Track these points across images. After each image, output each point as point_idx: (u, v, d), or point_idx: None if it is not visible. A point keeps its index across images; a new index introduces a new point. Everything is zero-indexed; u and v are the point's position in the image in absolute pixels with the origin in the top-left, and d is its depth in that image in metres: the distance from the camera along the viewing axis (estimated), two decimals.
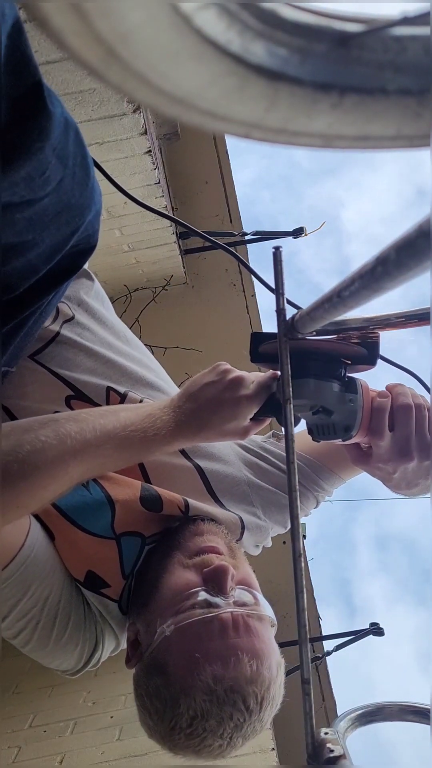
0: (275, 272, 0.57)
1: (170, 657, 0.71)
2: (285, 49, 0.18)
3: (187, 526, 0.84)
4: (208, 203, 3.50)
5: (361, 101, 0.19)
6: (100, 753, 2.18)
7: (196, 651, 0.69)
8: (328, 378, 0.67)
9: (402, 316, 0.54)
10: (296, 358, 0.64)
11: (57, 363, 0.89)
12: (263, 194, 72.11)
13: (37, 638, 0.76)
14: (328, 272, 67.75)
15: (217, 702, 0.67)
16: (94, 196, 0.79)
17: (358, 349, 0.65)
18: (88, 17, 0.16)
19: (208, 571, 0.76)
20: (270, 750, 2.09)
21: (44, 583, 0.76)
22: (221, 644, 0.69)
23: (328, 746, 0.46)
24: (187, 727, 0.69)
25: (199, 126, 0.20)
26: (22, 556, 0.73)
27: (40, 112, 0.64)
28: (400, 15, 0.18)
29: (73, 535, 0.80)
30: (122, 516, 0.82)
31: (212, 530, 0.84)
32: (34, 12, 0.16)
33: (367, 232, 62.93)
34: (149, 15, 0.16)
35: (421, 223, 0.24)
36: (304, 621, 0.50)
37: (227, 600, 0.73)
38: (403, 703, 0.57)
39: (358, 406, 0.68)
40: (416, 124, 0.20)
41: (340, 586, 77.09)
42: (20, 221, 0.70)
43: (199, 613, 0.71)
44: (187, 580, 0.76)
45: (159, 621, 0.74)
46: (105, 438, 0.69)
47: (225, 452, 0.95)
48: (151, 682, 0.72)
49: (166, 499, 0.84)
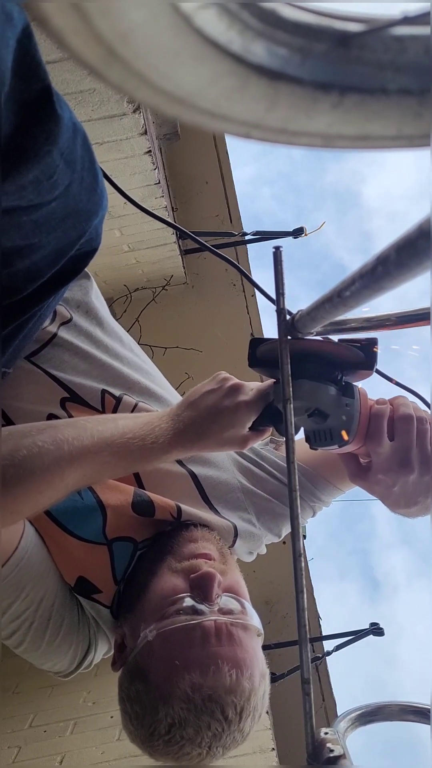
0: (275, 272, 0.57)
1: (151, 662, 0.71)
2: (285, 48, 0.18)
3: (180, 531, 0.83)
4: (208, 203, 3.50)
5: (361, 101, 0.19)
6: (100, 753, 2.18)
7: (177, 658, 0.69)
8: (324, 380, 0.66)
9: (402, 316, 0.54)
10: (293, 359, 0.65)
11: (53, 365, 0.89)
12: (273, 183, 72.40)
13: (30, 640, 0.76)
14: (350, 249, 67.70)
15: (195, 710, 0.67)
16: (101, 201, 0.79)
17: (356, 353, 0.65)
18: (89, 17, 0.16)
19: (194, 577, 0.75)
20: (270, 750, 2.09)
21: (38, 586, 0.76)
22: (202, 652, 0.69)
23: (328, 746, 0.46)
24: (165, 734, 0.68)
25: (200, 126, 0.20)
26: (16, 558, 0.73)
27: (48, 116, 0.64)
28: (401, 15, 0.18)
29: (64, 541, 0.80)
30: (114, 521, 0.82)
31: (205, 536, 0.83)
32: (34, 12, 0.16)
33: (388, 208, 62.66)
34: (150, 15, 0.16)
35: (421, 223, 0.24)
36: (304, 621, 0.50)
37: (212, 607, 0.73)
38: (403, 702, 0.57)
39: (354, 411, 0.67)
40: (417, 123, 0.20)
41: (361, 558, 76.85)
42: (27, 224, 0.70)
43: (183, 619, 0.71)
44: (174, 585, 0.75)
45: (143, 625, 0.73)
46: (103, 445, 0.68)
47: (220, 458, 0.94)
48: (132, 686, 0.72)
49: (159, 505, 0.84)
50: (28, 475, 0.65)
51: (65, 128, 0.66)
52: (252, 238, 3.21)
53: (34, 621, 0.76)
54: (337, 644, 3.12)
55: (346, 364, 0.66)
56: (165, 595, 0.74)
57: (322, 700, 3.44)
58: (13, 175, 0.64)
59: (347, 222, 71.30)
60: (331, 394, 0.66)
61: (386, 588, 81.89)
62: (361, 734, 0.54)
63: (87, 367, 0.91)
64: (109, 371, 0.92)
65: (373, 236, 71.43)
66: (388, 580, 78.09)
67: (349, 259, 59.03)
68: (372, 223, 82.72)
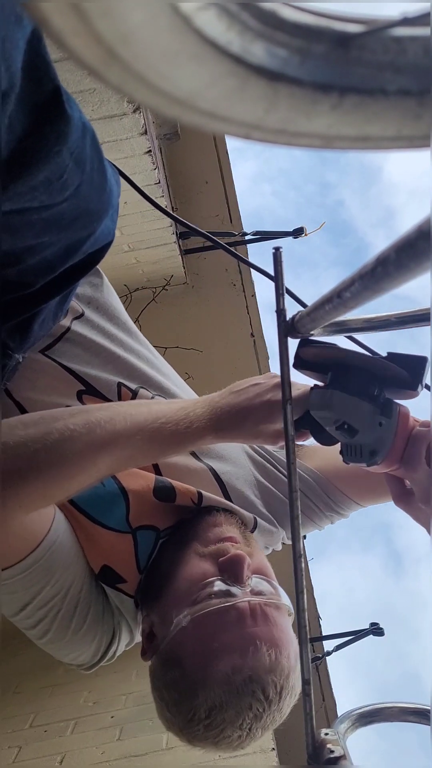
0: (275, 272, 0.57)
1: (187, 648, 0.71)
2: (285, 49, 0.18)
3: (204, 517, 0.83)
4: (208, 203, 3.49)
5: (361, 102, 0.19)
6: (100, 753, 2.18)
7: (214, 641, 0.69)
8: (358, 394, 0.61)
9: (402, 317, 0.54)
10: (332, 368, 0.63)
11: (68, 358, 0.89)
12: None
13: (56, 628, 0.76)
14: (374, 224, 67.45)
15: (236, 692, 0.67)
16: (111, 200, 0.80)
17: (400, 371, 0.60)
18: (88, 17, 0.16)
19: (224, 560, 0.75)
20: (270, 750, 2.09)
21: (68, 571, 0.76)
22: (239, 634, 0.69)
23: (328, 747, 0.46)
24: (205, 719, 0.68)
25: (199, 126, 0.20)
26: (48, 542, 0.73)
27: (59, 116, 0.64)
28: (400, 16, 0.18)
29: (89, 528, 0.80)
30: (137, 508, 0.81)
31: (228, 520, 0.83)
32: (34, 12, 0.16)
33: (410, 185, 62.23)
34: (149, 15, 0.16)
35: (420, 224, 0.24)
36: (305, 621, 0.50)
37: (244, 589, 0.73)
38: (404, 704, 0.57)
39: (388, 431, 0.61)
40: (416, 124, 0.20)
41: (383, 531, 76.49)
42: (38, 223, 0.70)
43: (216, 602, 0.71)
44: (203, 569, 0.75)
45: (174, 612, 0.73)
46: (135, 429, 0.67)
47: (235, 454, 0.94)
48: (168, 673, 0.72)
49: (180, 490, 0.83)
50: (59, 459, 0.64)
51: (75, 128, 0.66)
52: (252, 238, 3.21)
53: (61, 608, 0.75)
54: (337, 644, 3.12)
55: (388, 380, 0.62)
56: (195, 581, 0.74)
57: (322, 701, 3.43)
58: (24, 177, 0.64)
59: (370, 197, 71.11)
60: (364, 409, 0.61)
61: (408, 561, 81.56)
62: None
63: (101, 360, 0.91)
64: (124, 365, 0.92)
65: (396, 212, 71.05)
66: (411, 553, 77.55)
67: (372, 235, 58.87)
68: (395, 199, 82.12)
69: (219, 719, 0.68)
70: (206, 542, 0.79)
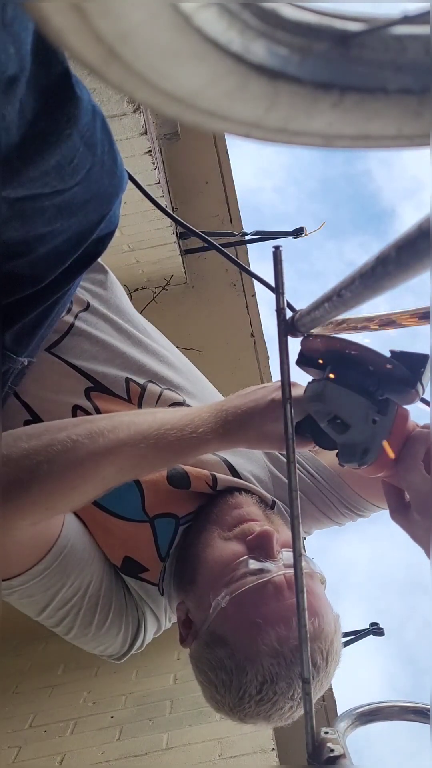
0: (275, 272, 0.57)
1: (230, 627, 0.72)
2: (285, 48, 0.18)
3: (224, 499, 0.84)
4: (208, 203, 3.49)
5: (361, 100, 0.19)
6: (100, 753, 2.18)
7: (256, 616, 0.70)
8: (353, 387, 0.60)
9: (402, 316, 0.54)
10: (331, 359, 0.61)
11: (74, 355, 0.89)
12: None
13: (78, 625, 0.77)
14: (400, 194, 67.18)
15: (285, 663, 0.68)
16: (121, 183, 0.79)
17: (401, 368, 0.58)
18: (88, 17, 0.16)
19: (251, 538, 0.76)
20: (270, 750, 2.09)
21: (84, 572, 0.77)
22: (279, 606, 0.70)
23: (328, 746, 0.46)
24: (256, 694, 0.69)
25: (200, 126, 0.20)
26: (59, 548, 0.74)
27: (69, 98, 0.63)
28: (401, 14, 0.18)
29: (106, 522, 0.80)
30: (152, 497, 0.82)
31: (247, 501, 0.84)
32: (34, 12, 0.16)
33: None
34: (149, 14, 0.16)
35: (421, 222, 0.25)
36: (305, 621, 0.50)
37: (276, 563, 0.74)
38: (404, 702, 0.57)
39: (382, 429, 0.59)
40: (417, 123, 0.20)
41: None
42: (49, 209, 0.70)
43: (252, 579, 0.72)
44: (233, 550, 0.76)
45: (212, 595, 0.74)
46: (139, 437, 0.67)
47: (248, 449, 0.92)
48: (213, 655, 0.73)
49: (194, 476, 0.84)
50: (61, 469, 0.64)
51: (85, 110, 0.66)
52: (252, 238, 3.21)
53: (81, 607, 0.77)
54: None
55: (388, 377, 0.59)
56: (226, 562, 0.75)
57: (323, 700, 3.43)
58: (36, 162, 0.63)
59: (395, 166, 70.91)
60: (358, 404, 0.59)
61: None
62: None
63: (108, 355, 0.90)
64: (131, 359, 0.91)
65: (422, 182, 70.99)
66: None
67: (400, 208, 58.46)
68: (420, 169, 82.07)
69: (271, 692, 0.69)
70: (230, 524, 0.80)
